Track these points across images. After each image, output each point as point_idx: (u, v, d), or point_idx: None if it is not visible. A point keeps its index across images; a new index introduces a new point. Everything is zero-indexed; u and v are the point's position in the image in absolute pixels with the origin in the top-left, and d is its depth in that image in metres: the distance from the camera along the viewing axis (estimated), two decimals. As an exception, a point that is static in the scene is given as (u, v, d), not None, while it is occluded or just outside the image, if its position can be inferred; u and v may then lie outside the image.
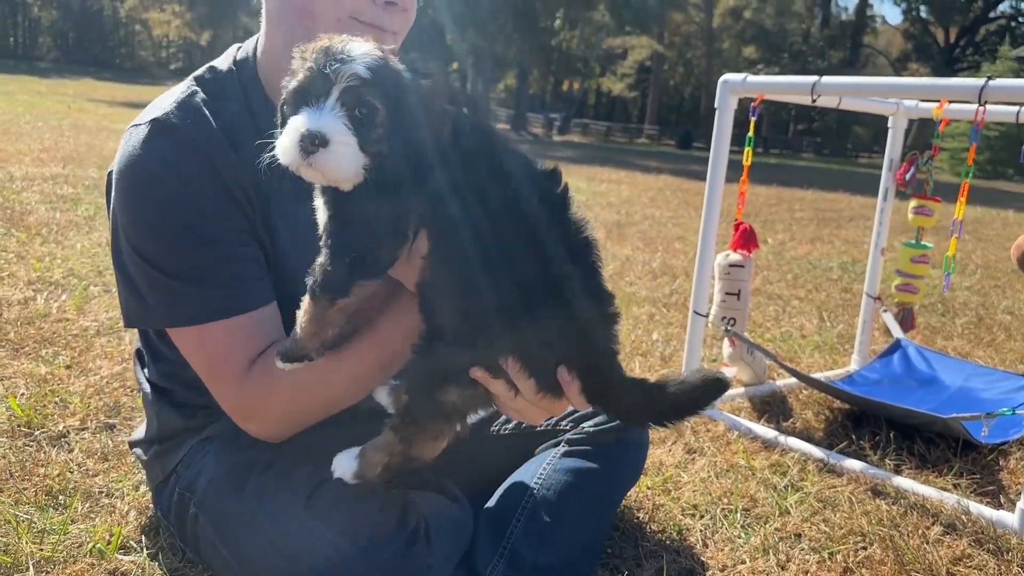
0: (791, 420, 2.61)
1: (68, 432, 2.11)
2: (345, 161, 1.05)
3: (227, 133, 1.38)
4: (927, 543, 1.84)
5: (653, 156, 25.02)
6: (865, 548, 1.81)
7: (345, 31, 1.32)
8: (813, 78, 2.31)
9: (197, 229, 1.34)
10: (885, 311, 3.18)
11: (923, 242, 3.06)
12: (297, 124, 1.04)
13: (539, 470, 1.63)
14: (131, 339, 2.89)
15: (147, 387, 1.62)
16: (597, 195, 10.19)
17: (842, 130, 49.75)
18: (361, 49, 1.08)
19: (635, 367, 3.05)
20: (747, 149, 2.63)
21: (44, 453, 1.97)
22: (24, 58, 51.75)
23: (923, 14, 50.12)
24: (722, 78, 2.53)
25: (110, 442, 2.06)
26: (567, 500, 1.58)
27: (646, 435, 1.77)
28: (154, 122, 1.36)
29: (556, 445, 1.69)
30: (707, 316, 2.65)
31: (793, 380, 2.94)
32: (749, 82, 2.46)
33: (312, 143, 1.03)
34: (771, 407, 2.72)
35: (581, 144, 31.71)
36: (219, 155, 1.36)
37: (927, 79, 2.11)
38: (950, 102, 2.72)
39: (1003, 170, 27.37)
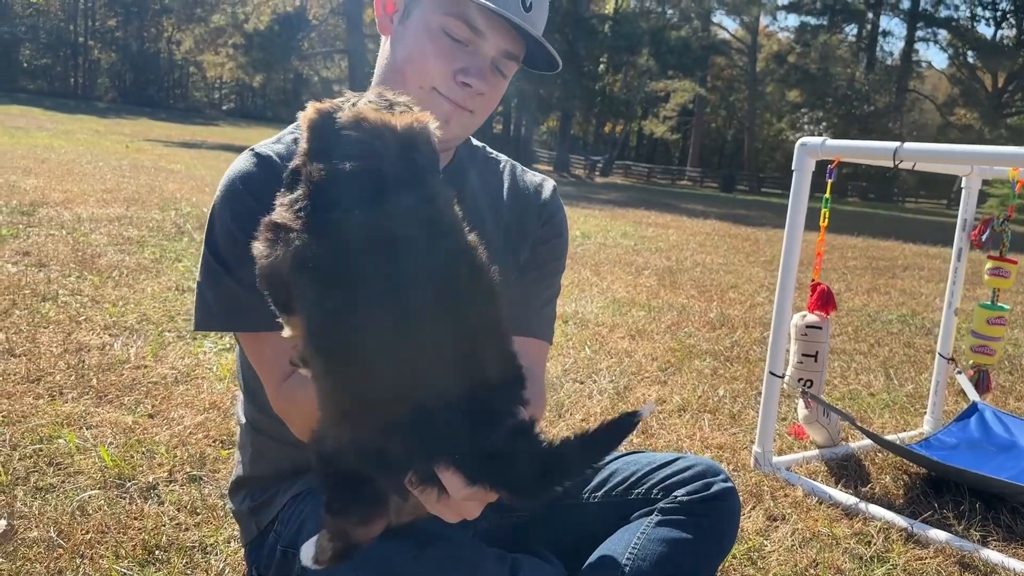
0: (869, 485, 2.57)
1: (157, 484, 2.16)
2: None
3: None
4: (1026, 623, 1.80)
5: (697, 199, 24.99)
6: (962, 627, 1.77)
7: (425, 99, 1.43)
8: (894, 144, 2.31)
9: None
10: (959, 372, 3.13)
11: (999, 304, 3.02)
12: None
13: (633, 540, 1.62)
14: (209, 387, 2.95)
15: (243, 419, 1.70)
16: (645, 239, 10.20)
17: (887, 175, 49.26)
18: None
19: (704, 425, 3.04)
20: (824, 210, 2.64)
21: (136, 506, 2.02)
22: (84, 98, 53.58)
23: (970, 59, 49.70)
24: (800, 141, 2.54)
25: (198, 495, 2.11)
26: (663, 570, 1.58)
27: (738, 503, 1.76)
28: (251, 150, 1.50)
29: (649, 514, 1.69)
30: (783, 377, 2.64)
31: (867, 442, 2.90)
32: (828, 146, 2.47)
33: None
34: (848, 471, 2.68)
35: (623, 186, 31.80)
36: None
37: (1010, 148, 2.11)
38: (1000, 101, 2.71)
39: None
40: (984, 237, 3.00)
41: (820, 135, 2.76)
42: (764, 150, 53.64)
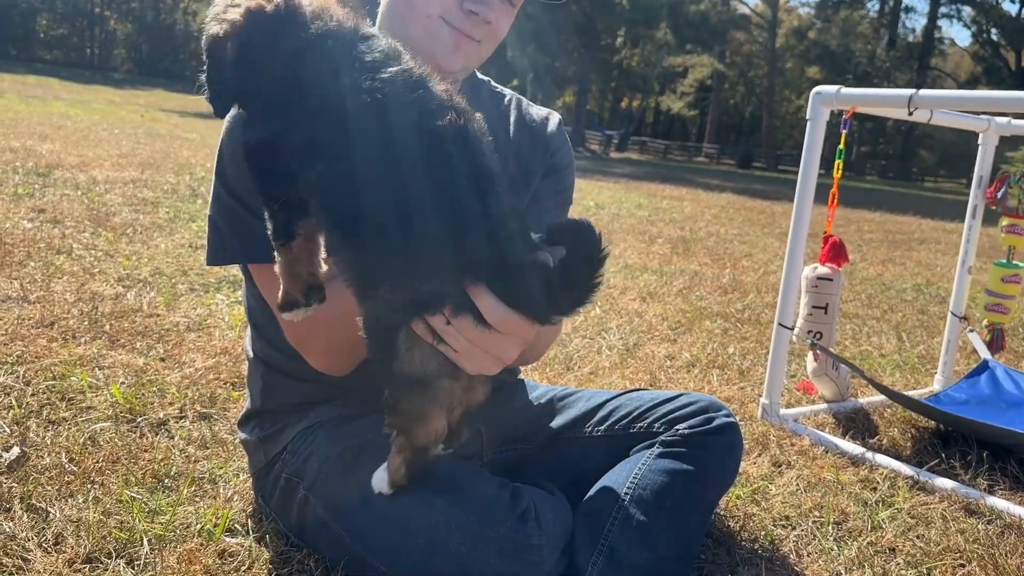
0: (877, 437, 2.57)
1: (168, 420, 2.18)
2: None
3: None
4: (1029, 564, 1.80)
5: (713, 175, 24.82)
6: (963, 566, 1.77)
7: (434, 28, 1.45)
8: (910, 91, 2.29)
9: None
10: (971, 331, 3.11)
11: (1015, 262, 2.99)
12: None
13: (634, 470, 1.63)
14: (220, 335, 2.98)
15: (251, 353, 1.72)
16: (659, 211, 10.15)
17: (907, 153, 48.75)
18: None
19: (713, 379, 3.04)
20: (838, 162, 2.61)
21: (147, 439, 2.05)
22: (100, 69, 53.64)
23: (994, 36, 48.91)
24: (815, 89, 2.52)
25: (208, 431, 2.13)
26: (664, 500, 1.58)
27: (740, 438, 1.76)
28: None
29: (650, 447, 1.69)
30: (792, 329, 2.63)
31: (877, 398, 2.89)
32: (843, 94, 2.45)
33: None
34: (856, 424, 2.68)
35: (639, 162, 31.61)
36: None
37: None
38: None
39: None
40: (1000, 194, 2.97)
41: (839, 112, 2.72)
42: (783, 127, 53.06)
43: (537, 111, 1.79)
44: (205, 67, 1.16)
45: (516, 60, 36.85)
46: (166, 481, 1.83)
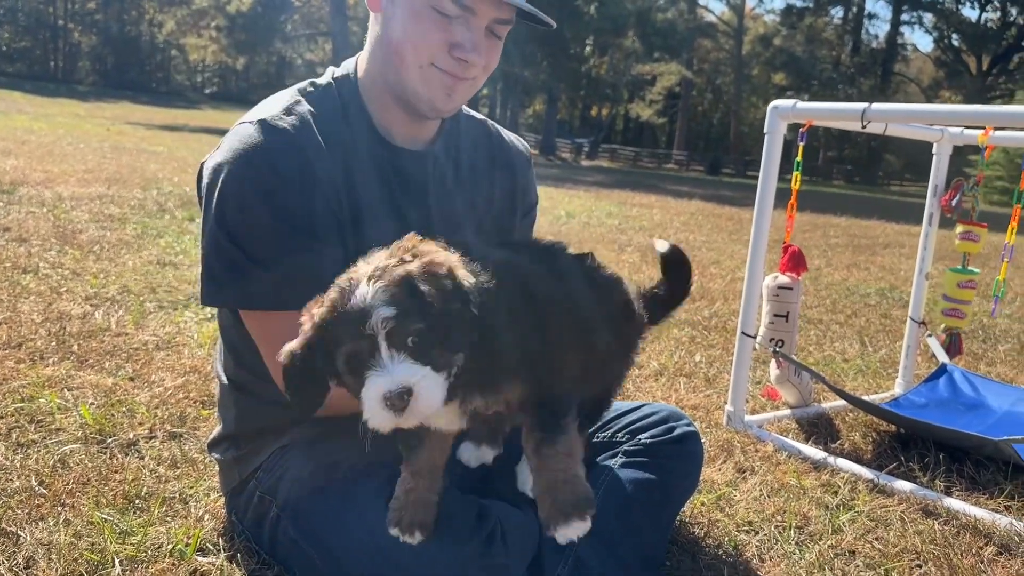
0: (839, 442, 2.64)
1: (138, 440, 2.19)
2: (434, 394, 1.08)
3: (326, 138, 1.51)
4: (982, 562, 1.86)
5: (683, 181, 25.04)
6: (920, 566, 1.83)
7: (427, 76, 1.48)
8: (863, 105, 2.36)
9: (287, 221, 1.45)
10: (930, 336, 3.19)
11: (970, 268, 3.08)
12: (374, 393, 1.06)
13: (598, 480, 1.67)
14: (189, 353, 2.98)
15: (224, 380, 1.70)
16: (629, 219, 10.24)
17: (873, 158, 49.46)
18: (368, 288, 1.08)
19: (680, 387, 3.09)
20: (796, 173, 2.68)
21: (117, 460, 2.05)
22: (64, 82, 52.96)
23: (955, 42, 49.84)
24: (771, 104, 2.58)
25: (179, 451, 2.14)
26: (628, 510, 1.63)
27: (700, 447, 1.81)
28: (263, 122, 1.48)
29: (614, 456, 1.74)
30: (755, 337, 2.69)
31: (839, 403, 2.96)
32: (799, 108, 2.51)
33: (401, 401, 1.05)
34: (818, 429, 2.74)
35: (610, 169, 31.81)
36: (318, 159, 1.48)
37: (976, 106, 2.15)
38: (996, 129, 2.76)
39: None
40: (954, 202, 3.06)
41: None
42: (751, 133, 53.66)
43: (507, 135, 1.84)
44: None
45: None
46: (137, 502, 1.84)
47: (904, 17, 49.58)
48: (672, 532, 1.86)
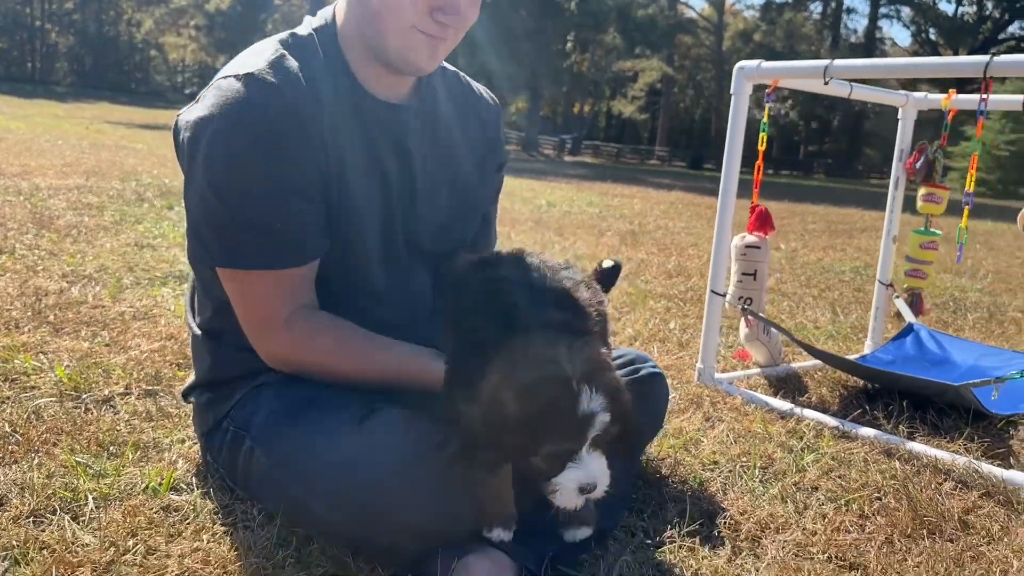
0: (807, 395, 2.69)
1: (113, 397, 2.21)
2: (606, 480, 1.29)
3: (313, 93, 1.51)
4: (940, 495, 1.91)
5: (665, 175, 25.16)
6: (880, 499, 1.88)
7: (409, 39, 1.48)
8: (825, 62, 2.41)
9: (278, 182, 1.46)
10: (897, 297, 3.25)
11: (932, 229, 3.14)
12: (572, 483, 1.25)
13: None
14: (166, 322, 2.99)
15: (197, 331, 1.72)
16: (610, 208, 10.30)
17: (853, 151, 49.81)
18: (590, 396, 1.23)
19: (653, 351, 3.14)
20: (762, 134, 2.73)
21: (92, 414, 2.07)
22: (41, 83, 52.53)
23: (932, 36, 50.30)
24: (737, 64, 2.63)
25: (154, 406, 2.16)
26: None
27: (666, 387, 1.86)
28: (248, 76, 1.46)
29: (581, 397, 1.77)
30: (724, 296, 2.74)
31: (809, 362, 3.02)
32: (763, 68, 2.57)
33: (589, 491, 1.26)
34: (787, 384, 2.79)
35: (593, 164, 31.89)
36: (307, 113, 1.48)
37: (935, 58, 2.21)
38: (959, 91, 2.83)
39: (1014, 189, 27.36)
40: (918, 165, 3.12)
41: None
42: (732, 129, 53.89)
43: (477, 86, 1.86)
44: None
45: (466, 66, 36.93)
46: (111, 448, 1.86)
47: (882, 11, 50.01)
48: (639, 469, 1.91)
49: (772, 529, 1.71)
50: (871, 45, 50.70)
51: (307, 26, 1.60)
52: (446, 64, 1.83)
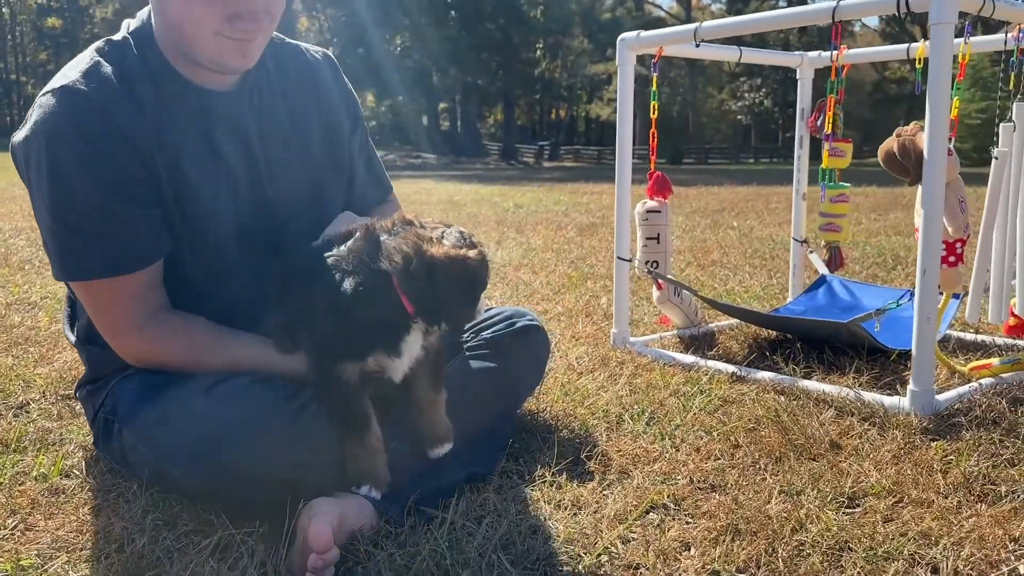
0: (715, 349, 2.77)
1: (28, 403, 2.28)
2: None
3: (130, 94, 1.54)
4: (816, 422, 1.98)
5: (642, 171, 25.24)
6: (755, 429, 1.95)
7: (216, 44, 1.49)
8: (695, 25, 2.50)
9: (98, 186, 1.50)
10: (811, 252, 3.34)
11: (840, 183, 3.23)
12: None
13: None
14: (97, 336, 3.06)
15: (73, 338, 1.80)
16: (577, 205, 10.40)
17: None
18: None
19: (578, 324, 3.21)
20: (653, 103, 2.82)
21: (5, 420, 2.14)
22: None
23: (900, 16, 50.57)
24: (620, 37, 2.72)
25: (67, 409, 2.23)
26: (468, 392, 1.72)
27: (544, 337, 1.93)
28: (62, 88, 1.50)
29: (459, 356, 1.85)
30: (630, 261, 2.82)
31: (725, 321, 3.09)
32: (643, 37, 2.66)
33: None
34: (702, 343, 2.87)
35: (571, 168, 32.06)
36: (123, 115, 1.51)
37: (789, 9, 2.31)
38: (848, 49, 2.93)
39: (988, 156, 27.46)
40: (820, 122, 3.21)
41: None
42: (710, 123, 54.30)
43: (308, 50, 1.87)
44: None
45: (440, 82, 37.16)
46: (14, 446, 1.93)
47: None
48: (525, 420, 1.98)
49: (643, 462, 1.78)
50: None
51: (124, 30, 1.63)
52: (276, 35, 1.78)
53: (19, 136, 1.54)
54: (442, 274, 1.38)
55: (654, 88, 2.79)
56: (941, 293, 2.85)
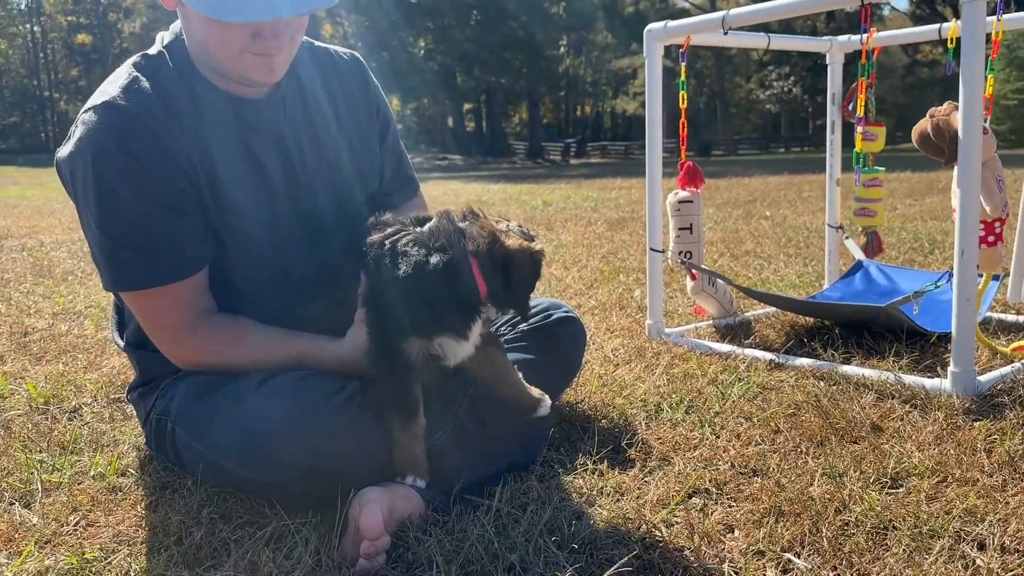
0: (752, 338, 2.76)
1: (81, 407, 2.34)
2: None
3: (168, 107, 1.59)
4: (857, 406, 1.98)
5: (671, 164, 25.11)
6: (795, 415, 1.96)
7: (243, 62, 1.53)
8: (722, 13, 2.50)
9: (142, 199, 1.55)
10: (847, 238, 3.32)
11: (874, 167, 3.21)
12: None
13: (482, 364, 1.80)
14: (143, 341, 3.13)
15: (122, 344, 1.86)
16: (606, 200, 10.39)
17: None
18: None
19: (612, 317, 3.23)
20: (682, 93, 2.82)
21: (60, 424, 2.21)
22: (55, 151, 53.60)
23: (930, -3, 49.82)
24: (647, 28, 2.73)
25: (120, 412, 2.29)
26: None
27: (580, 328, 1.96)
28: (103, 105, 1.56)
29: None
30: (663, 252, 2.83)
31: (761, 310, 3.09)
32: (670, 27, 2.67)
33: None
34: (738, 332, 2.87)
35: (600, 164, 31.99)
36: (163, 128, 1.56)
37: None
38: (878, 30, 2.91)
39: (1026, 138, 27.02)
40: (852, 106, 3.19)
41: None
42: (738, 113, 53.82)
43: (339, 51, 1.90)
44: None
45: (464, 83, 37.27)
46: (70, 448, 1.99)
47: (876, -22, 49.59)
48: (564, 411, 2.00)
49: (684, 449, 1.79)
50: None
51: (159, 44, 1.67)
52: (306, 38, 1.79)
53: (63, 152, 1.59)
54: (516, 263, 1.46)
55: (683, 78, 2.80)
56: (980, 275, 2.82)
